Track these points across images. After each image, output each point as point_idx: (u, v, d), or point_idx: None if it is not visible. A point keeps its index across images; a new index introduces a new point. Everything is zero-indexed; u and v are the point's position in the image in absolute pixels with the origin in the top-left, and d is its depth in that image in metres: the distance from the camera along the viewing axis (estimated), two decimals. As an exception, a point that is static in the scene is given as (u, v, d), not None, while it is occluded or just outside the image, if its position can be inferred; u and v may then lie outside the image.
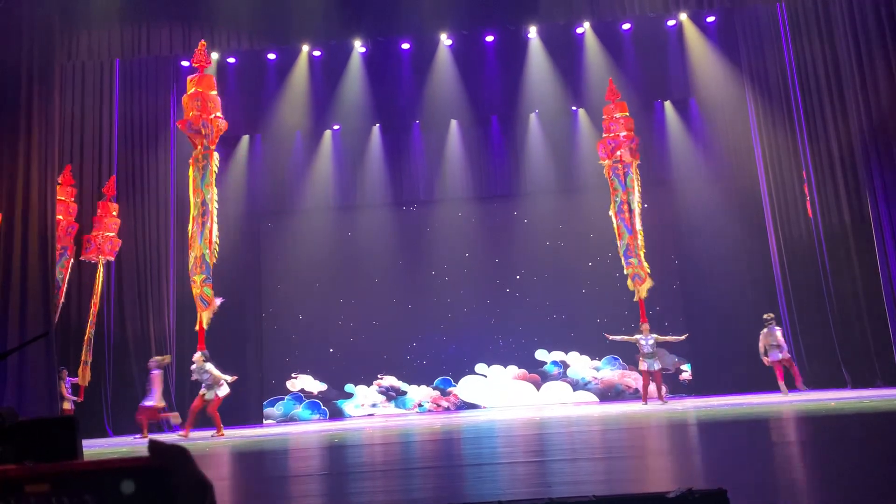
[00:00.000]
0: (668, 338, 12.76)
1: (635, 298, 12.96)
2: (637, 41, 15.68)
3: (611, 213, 13.20)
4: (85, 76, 13.88)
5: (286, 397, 16.08)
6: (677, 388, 15.40)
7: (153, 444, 1.27)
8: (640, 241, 12.86)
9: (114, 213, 13.32)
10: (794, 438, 5.36)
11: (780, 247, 13.95)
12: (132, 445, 9.73)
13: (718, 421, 7.43)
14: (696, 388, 15.18)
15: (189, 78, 12.01)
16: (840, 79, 12.19)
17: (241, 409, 14.94)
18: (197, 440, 9.99)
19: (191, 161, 11.81)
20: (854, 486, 2.95)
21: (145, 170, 14.91)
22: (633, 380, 15.28)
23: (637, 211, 12.93)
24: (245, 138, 16.68)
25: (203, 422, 14.09)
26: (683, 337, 13.05)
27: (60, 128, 13.31)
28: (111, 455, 6.21)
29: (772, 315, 12.48)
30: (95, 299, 13.00)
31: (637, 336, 12.42)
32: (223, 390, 11.27)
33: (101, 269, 13.14)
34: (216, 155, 11.86)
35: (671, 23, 15.47)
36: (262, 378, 16.01)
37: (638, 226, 12.91)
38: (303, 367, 16.10)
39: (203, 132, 11.58)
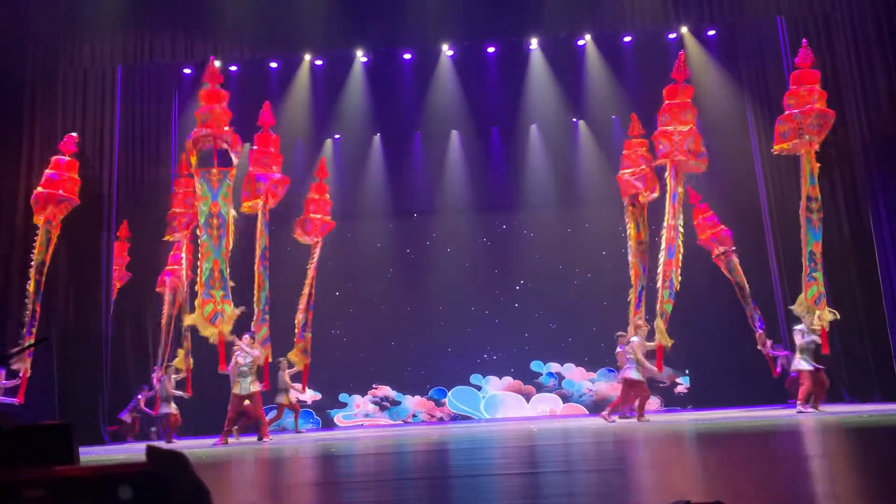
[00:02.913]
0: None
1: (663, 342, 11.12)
2: (638, 54, 15.74)
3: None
4: (87, 83, 13.90)
5: (279, 405, 16.00)
6: (673, 401, 15.39)
7: (150, 450, 1.27)
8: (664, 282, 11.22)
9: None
10: (793, 452, 5.34)
11: (780, 260, 13.95)
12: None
13: (716, 433, 7.42)
14: (694, 400, 15.15)
15: (200, 93, 11.90)
16: (840, 92, 12.24)
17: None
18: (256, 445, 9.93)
19: (194, 172, 11.54)
20: (851, 500, 2.95)
21: (146, 176, 14.93)
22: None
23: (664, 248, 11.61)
24: (246, 146, 16.69)
25: (204, 429, 14.05)
26: None
27: (62, 134, 13.33)
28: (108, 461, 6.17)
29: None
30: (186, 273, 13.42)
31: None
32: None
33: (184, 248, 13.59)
34: (233, 170, 11.70)
35: (672, 36, 15.53)
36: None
37: (661, 262, 11.46)
38: (298, 375, 16.02)
39: (217, 147, 11.37)
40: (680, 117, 11.43)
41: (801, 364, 10.74)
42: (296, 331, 13.51)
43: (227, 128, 11.59)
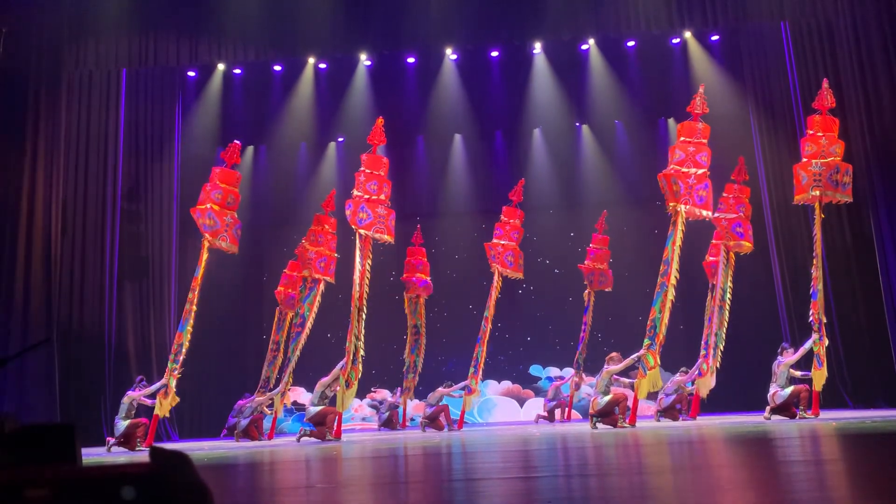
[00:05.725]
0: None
1: (639, 395, 11.06)
2: (641, 58, 15.77)
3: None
4: (91, 85, 13.96)
5: (278, 410, 15.99)
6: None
7: (154, 450, 1.28)
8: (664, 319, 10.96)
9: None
10: (796, 458, 5.34)
11: (783, 264, 13.95)
12: None
13: (720, 439, 7.42)
14: (701, 405, 15.09)
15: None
16: (842, 97, 12.25)
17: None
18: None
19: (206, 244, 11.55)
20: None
21: (149, 179, 14.98)
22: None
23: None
24: (250, 149, 16.77)
25: (199, 433, 14.07)
26: None
27: (66, 137, 13.38)
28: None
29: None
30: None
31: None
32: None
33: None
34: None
35: (675, 40, 15.55)
36: (263, 391, 15.94)
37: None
38: (298, 380, 16.02)
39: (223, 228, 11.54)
40: (695, 158, 11.22)
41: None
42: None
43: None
